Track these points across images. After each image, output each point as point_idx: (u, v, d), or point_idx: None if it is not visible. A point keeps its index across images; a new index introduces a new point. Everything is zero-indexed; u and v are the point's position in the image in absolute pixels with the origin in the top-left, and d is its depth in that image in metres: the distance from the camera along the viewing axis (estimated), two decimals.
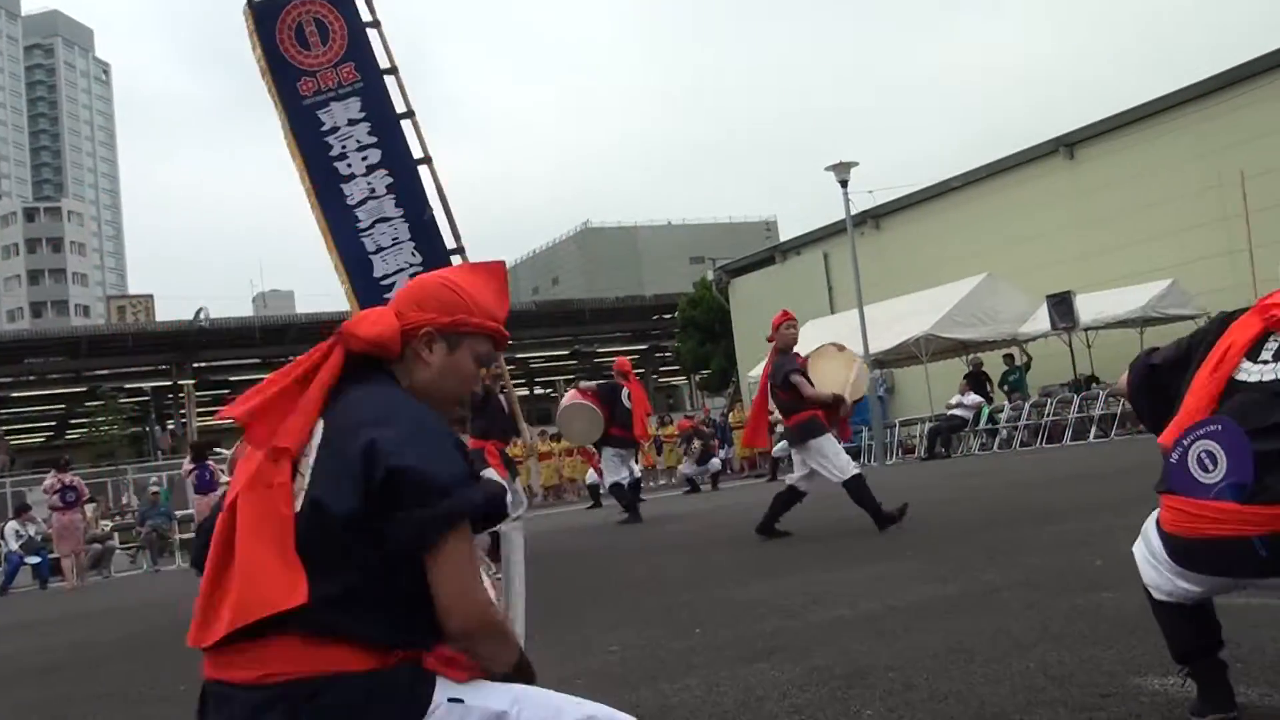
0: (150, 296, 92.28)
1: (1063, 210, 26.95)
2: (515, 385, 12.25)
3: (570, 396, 15.29)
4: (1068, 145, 27.16)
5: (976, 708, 3.73)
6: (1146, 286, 22.90)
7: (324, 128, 11.44)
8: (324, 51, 11.62)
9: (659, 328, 59.46)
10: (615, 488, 15.41)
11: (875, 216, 32.66)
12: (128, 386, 60.76)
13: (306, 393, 2.23)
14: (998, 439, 22.58)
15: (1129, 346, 20.58)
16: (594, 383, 15.27)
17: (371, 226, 11.35)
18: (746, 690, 4.43)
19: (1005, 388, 24.27)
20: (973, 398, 23.29)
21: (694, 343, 45.71)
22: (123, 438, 59.48)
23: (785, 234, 57.91)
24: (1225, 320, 3.12)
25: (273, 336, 54.01)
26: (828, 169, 25.11)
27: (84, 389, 58.30)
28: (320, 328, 36.31)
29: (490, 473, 12.28)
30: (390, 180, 11.35)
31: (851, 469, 9.81)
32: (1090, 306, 22.66)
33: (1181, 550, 2.90)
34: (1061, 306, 22.04)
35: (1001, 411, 23.07)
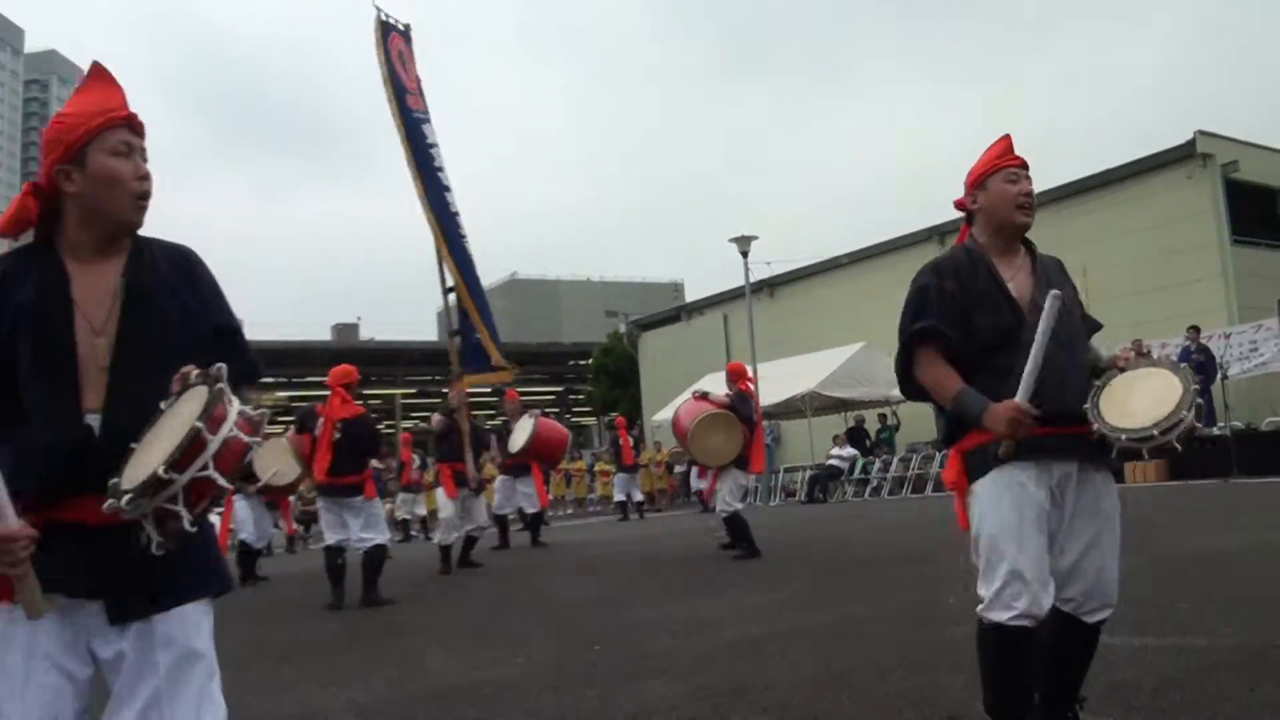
0: None
1: None
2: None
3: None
4: (940, 233, 27.69)
5: None
6: None
7: (428, 141, 11.97)
8: (409, 79, 12.18)
9: (574, 372, 59.36)
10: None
11: (771, 285, 32.97)
12: None
13: None
14: (869, 488, 22.82)
15: None
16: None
17: (465, 235, 11.93)
18: (638, 704, 4.44)
19: (877, 443, 24.58)
20: (849, 450, 23.56)
21: (605, 387, 45.68)
22: None
23: (691, 295, 58.24)
24: None
25: None
26: (731, 240, 25.32)
27: None
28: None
29: (439, 493, 12.19)
30: (457, 208, 11.95)
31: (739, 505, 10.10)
32: None
33: None
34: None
35: (874, 464, 23.34)
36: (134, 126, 2.34)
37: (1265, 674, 4.08)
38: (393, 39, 12.03)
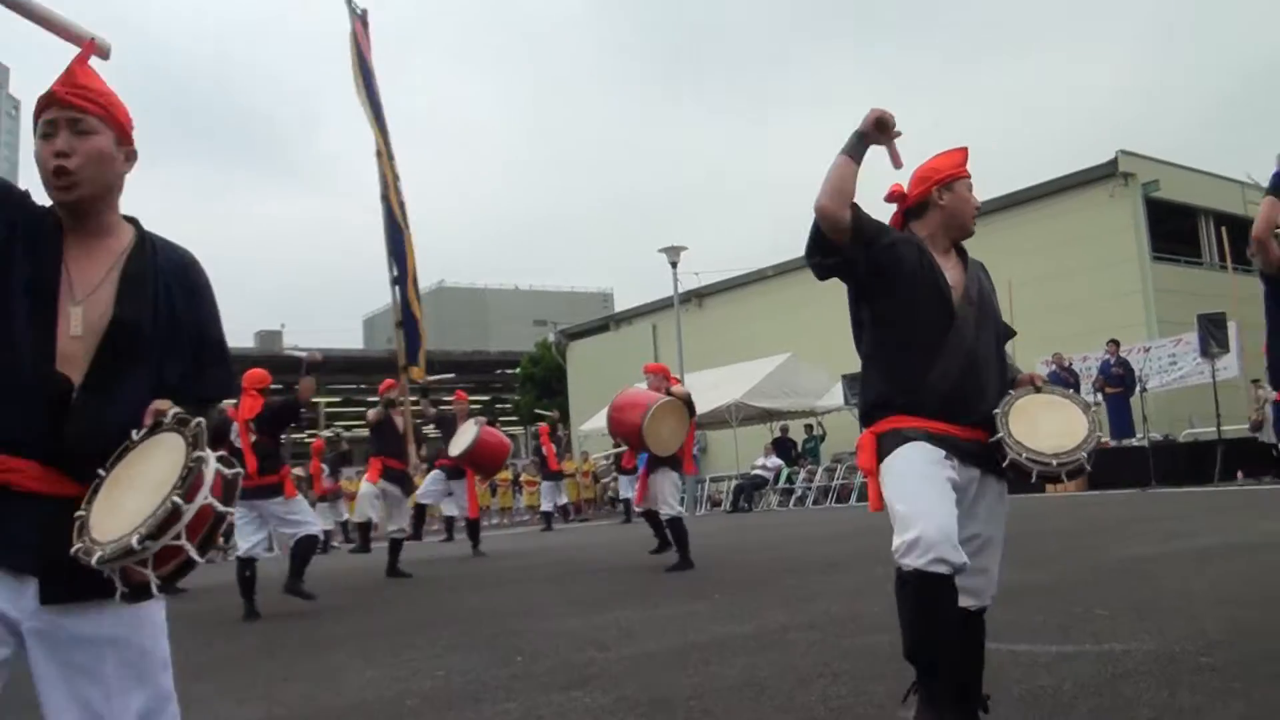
0: None
1: None
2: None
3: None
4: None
5: None
6: None
7: (389, 125, 11.93)
8: (370, 66, 12.13)
9: (501, 381, 59.11)
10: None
11: (700, 295, 33.12)
12: None
13: None
14: (794, 497, 22.98)
15: None
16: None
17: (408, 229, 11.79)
18: (560, 715, 4.39)
19: (802, 453, 24.77)
20: (775, 460, 23.72)
21: (532, 397, 45.56)
22: None
23: (620, 305, 58.34)
24: None
25: None
26: (660, 251, 25.39)
27: None
28: None
29: (364, 485, 12.05)
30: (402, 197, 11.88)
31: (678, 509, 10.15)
32: None
33: None
34: (855, 385, 22.63)
35: (799, 474, 23.50)
36: (61, 102, 2.28)
37: (1182, 679, 4.14)
38: (356, 24, 12.06)
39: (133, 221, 2.41)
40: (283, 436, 9.42)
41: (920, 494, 3.09)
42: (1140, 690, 4.04)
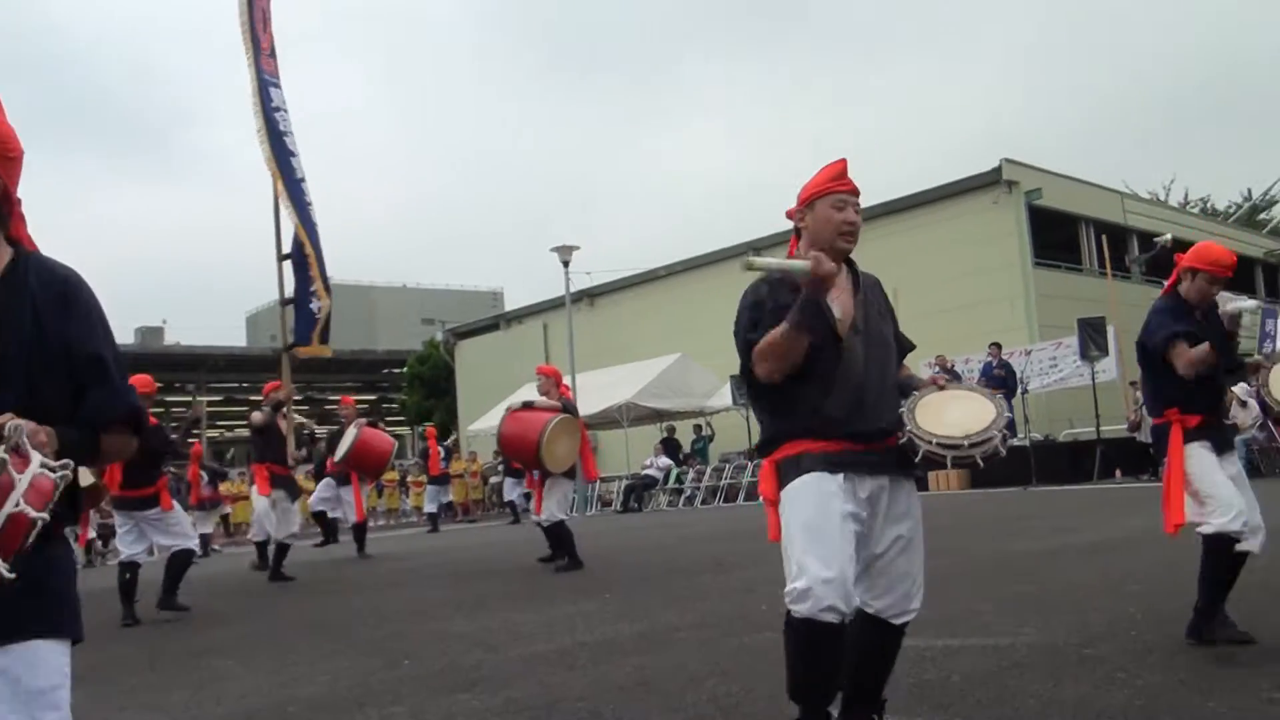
0: None
1: None
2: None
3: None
4: (755, 249, 28.22)
5: None
6: None
7: (273, 104, 11.78)
8: (266, 39, 12.01)
9: (388, 380, 58.30)
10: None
11: (591, 295, 33.08)
12: None
13: None
14: (683, 497, 23.07)
15: None
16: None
17: (309, 203, 11.75)
18: (448, 719, 4.32)
19: (691, 453, 24.89)
20: (664, 460, 23.79)
21: (419, 397, 45.03)
22: None
23: (510, 304, 58.00)
24: None
25: None
26: (552, 250, 25.27)
27: None
28: None
29: (259, 502, 11.70)
30: (303, 174, 11.84)
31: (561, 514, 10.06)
32: None
33: None
34: (742, 385, 22.79)
35: (688, 474, 23.61)
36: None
37: (1065, 670, 4.23)
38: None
39: (14, 243, 2.32)
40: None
41: (814, 539, 3.05)
42: (1026, 681, 4.11)
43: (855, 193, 3.31)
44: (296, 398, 11.98)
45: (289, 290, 11.81)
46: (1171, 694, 3.83)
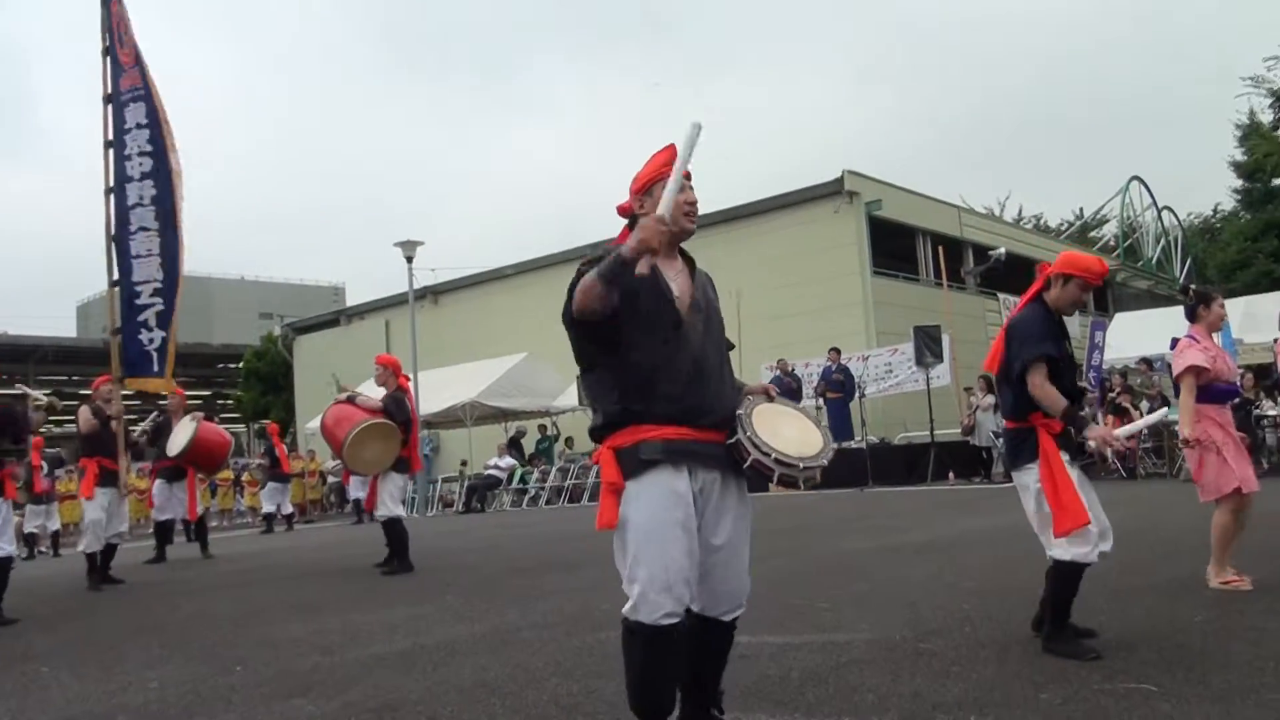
0: None
1: None
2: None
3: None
4: (604, 248, 28.30)
5: None
6: None
7: (125, 125, 11.10)
8: (125, 53, 11.29)
9: (223, 376, 56.61)
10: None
11: (436, 292, 32.68)
12: None
13: None
14: (527, 497, 22.99)
15: None
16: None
17: (136, 232, 11.02)
18: None
19: (535, 452, 24.84)
20: (508, 460, 23.66)
21: (256, 393, 43.88)
22: None
23: (352, 300, 56.93)
24: None
25: None
26: (396, 245, 24.86)
27: None
28: None
29: (90, 511, 11.05)
30: (155, 193, 11.05)
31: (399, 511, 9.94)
32: None
33: None
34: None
35: (532, 474, 23.53)
36: None
37: (902, 666, 4.35)
38: (113, 5, 11.24)
39: None
40: None
41: (651, 543, 3.07)
42: (864, 677, 4.22)
43: (689, 175, 3.30)
44: (126, 393, 11.40)
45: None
46: (1005, 686, 3.97)
